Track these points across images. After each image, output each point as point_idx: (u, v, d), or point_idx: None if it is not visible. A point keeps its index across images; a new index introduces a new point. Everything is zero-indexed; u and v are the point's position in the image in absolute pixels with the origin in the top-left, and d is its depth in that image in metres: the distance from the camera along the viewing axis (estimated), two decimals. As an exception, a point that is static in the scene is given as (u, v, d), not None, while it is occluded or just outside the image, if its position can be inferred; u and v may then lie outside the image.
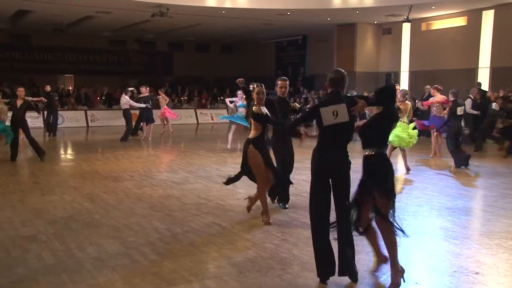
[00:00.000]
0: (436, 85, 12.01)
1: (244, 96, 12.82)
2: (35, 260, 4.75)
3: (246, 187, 8.18)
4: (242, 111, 12.71)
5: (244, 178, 6.29)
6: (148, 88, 15.96)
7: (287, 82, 6.77)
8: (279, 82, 6.72)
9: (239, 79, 6.89)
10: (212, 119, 22.78)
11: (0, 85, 22.51)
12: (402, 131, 9.36)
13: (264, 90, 6.01)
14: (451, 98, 10.76)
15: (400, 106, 9.18)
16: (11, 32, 23.88)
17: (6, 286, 4.15)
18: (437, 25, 19.26)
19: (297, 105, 7.02)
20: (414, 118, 10.75)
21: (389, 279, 4.28)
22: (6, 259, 4.76)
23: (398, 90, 9.69)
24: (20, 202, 7.10)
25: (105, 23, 21.42)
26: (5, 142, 10.81)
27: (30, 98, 13.04)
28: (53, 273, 4.42)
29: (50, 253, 4.92)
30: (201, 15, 18.73)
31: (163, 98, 16.07)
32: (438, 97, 11.85)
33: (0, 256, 4.84)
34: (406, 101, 9.59)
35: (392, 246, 4.21)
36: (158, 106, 16.32)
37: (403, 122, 9.48)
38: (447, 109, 11.03)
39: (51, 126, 16.43)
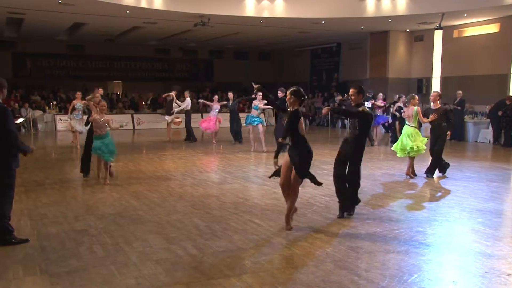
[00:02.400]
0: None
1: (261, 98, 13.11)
2: (86, 252, 4.89)
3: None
4: (255, 113, 13.11)
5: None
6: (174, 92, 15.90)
7: (352, 90, 6.44)
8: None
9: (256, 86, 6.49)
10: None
11: (57, 91, 23.32)
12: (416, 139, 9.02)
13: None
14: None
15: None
16: (67, 43, 24.69)
17: (61, 275, 4.29)
18: (469, 32, 18.67)
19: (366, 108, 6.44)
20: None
21: (421, 278, 4.19)
22: (61, 251, 4.93)
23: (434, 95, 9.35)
24: (73, 199, 7.33)
25: (151, 33, 21.84)
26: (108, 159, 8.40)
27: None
28: (103, 264, 4.54)
29: (100, 246, 5.06)
30: (240, 24, 18.82)
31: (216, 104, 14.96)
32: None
33: (56, 248, 5.01)
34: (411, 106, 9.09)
35: None
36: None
37: (414, 127, 9.05)
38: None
39: None
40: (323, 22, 18.14)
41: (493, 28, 17.62)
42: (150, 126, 20.97)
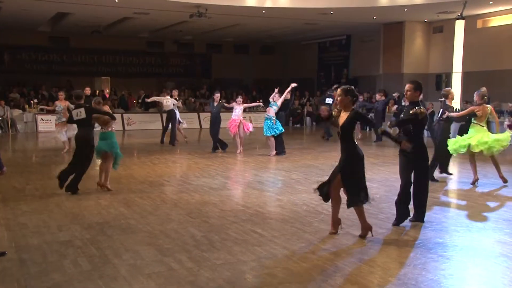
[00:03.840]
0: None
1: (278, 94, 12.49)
2: (71, 265, 4.89)
3: (287, 194, 8.17)
4: (270, 111, 12.53)
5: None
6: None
7: (409, 85, 6.24)
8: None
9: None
10: (251, 122, 22.81)
11: (39, 87, 23.32)
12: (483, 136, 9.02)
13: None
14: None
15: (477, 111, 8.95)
16: (50, 34, 24.73)
17: (42, 291, 4.29)
18: (495, 21, 18.65)
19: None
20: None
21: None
22: (43, 264, 4.92)
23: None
24: (56, 207, 7.32)
25: (143, 25, 21.89)
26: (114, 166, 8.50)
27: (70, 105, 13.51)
28: (89, 279, 4.54)
29: (86, 259, 5.05)
30: (241, 15, 18.86)
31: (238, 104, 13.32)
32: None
33: (37, 261, 5.01)
34: (484, 104, 9.08)
35: None
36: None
37: (482, 126, 9.09)
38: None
39: None
40: (331, 12, 18.15)
41: (522, 17, 17.58)
42: (142, 126, 20.98)
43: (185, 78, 28.08)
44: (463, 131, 9.62)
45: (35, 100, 20.89)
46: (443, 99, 9.47)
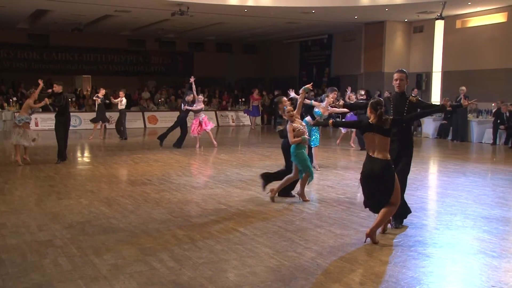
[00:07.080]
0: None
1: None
2: (51, 265, 4.83)
3: (269, 193, 8.18)
4: (310, 120, 9.84)
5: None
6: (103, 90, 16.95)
7: (404, 75, 6.16)
8: (394, 75, 6.22)
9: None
10: (233, 121, 22.86)
11: (18, 85, 22.99)
12: None
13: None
14: None
15: None
16: (29, 32, 24.38)
17: (21, 292, 4.23)
18: (473, 22, 18.91)
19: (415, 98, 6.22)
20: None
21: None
22: (22, 264, 4.86)
23: None
24: (36, 206, 7.23)
25: (124, 23, 21.72)
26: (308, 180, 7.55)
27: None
28: (69, 279, 4.49)
29: (66, 259, 5.00)
30: (223, 13, 18.83)
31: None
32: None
33: (16, 261, 4.94)
34: None
35: None
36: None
37: None
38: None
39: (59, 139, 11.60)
40: (313, 11, 18.23)
41: (500, 17, 17.85)
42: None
43: (167, 76, 27.96)
44: None
45: (14, 99, 20.59)
46: None
